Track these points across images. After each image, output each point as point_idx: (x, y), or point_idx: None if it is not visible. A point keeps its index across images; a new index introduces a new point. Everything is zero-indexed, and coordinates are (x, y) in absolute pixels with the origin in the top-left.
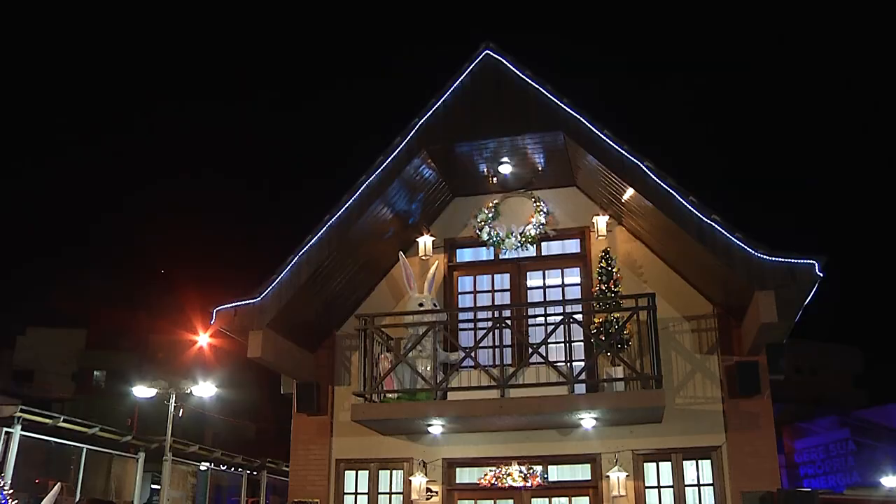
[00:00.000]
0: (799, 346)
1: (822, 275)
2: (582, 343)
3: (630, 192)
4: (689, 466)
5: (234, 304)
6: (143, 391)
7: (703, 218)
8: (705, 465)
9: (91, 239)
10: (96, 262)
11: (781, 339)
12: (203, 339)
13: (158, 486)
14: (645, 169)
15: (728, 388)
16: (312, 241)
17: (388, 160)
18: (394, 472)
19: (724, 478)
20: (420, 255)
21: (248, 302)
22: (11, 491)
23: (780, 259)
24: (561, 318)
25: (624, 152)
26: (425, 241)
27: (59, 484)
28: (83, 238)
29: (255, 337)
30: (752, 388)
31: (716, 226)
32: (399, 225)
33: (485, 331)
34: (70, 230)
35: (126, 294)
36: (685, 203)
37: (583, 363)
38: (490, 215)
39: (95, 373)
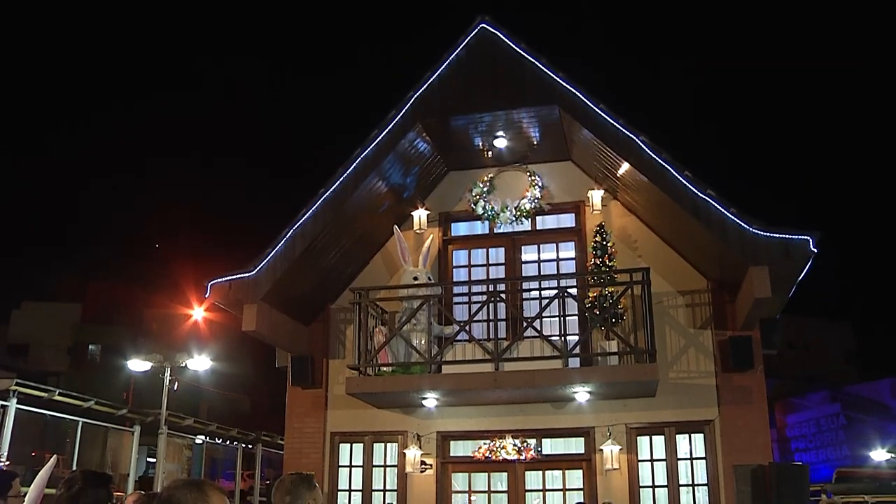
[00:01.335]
0: (792, 322)
1: (816, 251)
2: (576, 317)
3: (625, 166)
4: (681, 440)
5: (228, 278)
6: (138, 365)
7: (698, 193)
8: (698, 438)
9: (86, 214)
10: (91, 237)
11: (775, 315)
12: (198, 313)
13: (154, 460)
14: (640, 143)
15: (721, 363)
16: (307, 215)
17: (383, 134)
18: (388, 444)
19: (717, 451)
20: (415, 228)
21: (242, 275)
22: (8, 462)
23: (775, 234)
24: (555, 292)
25: (619, 126)
26: (420, 215)
27: (54, 456)
28: (78, 213)
29: (250, 310)
30: (746, 362)
31: (711, 201)
32: (394, 199)
33: (479, 304)
34: (65, 205)
35: (121, 268)
36: (680, 178)
37: (577, 337)
38: (485, 189)
39: (90, 347)
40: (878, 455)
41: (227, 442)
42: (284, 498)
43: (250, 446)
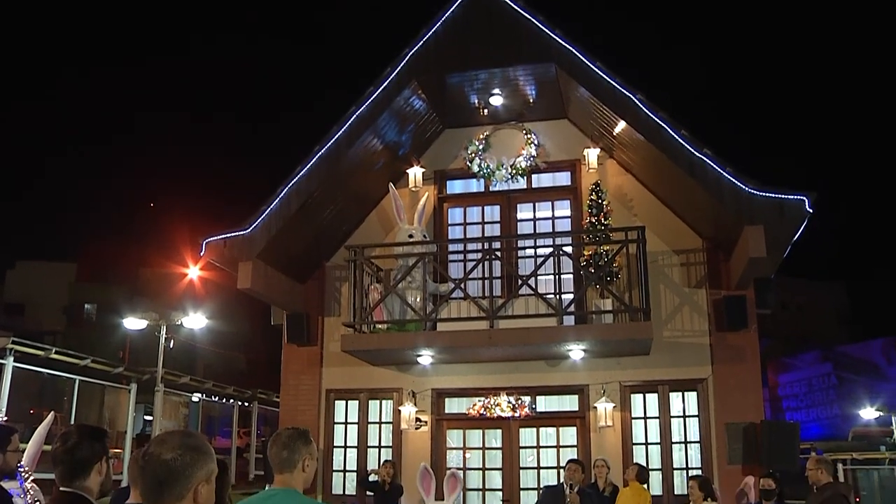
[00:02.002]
0: (786, 282)
1: (811, 211)
2: (571, 275)
3: (621, 124)
4: (675, 398)
5: (223, 236)
6: (133, 323)
7: (694, 151)
8: (691, 396)
9: (80, 173)
10: (86, 196)
11: (769, 274)
12: (193, 271)
13: (151, 417)
14: (637, 101)
15: (715, 322)
16: (302, 172)
17: (378, 91)
18: (383, 401)
19: (709, 409)
20: (410, 186)
21: (237, 233)
22: (7, 419)
23: (770, 194)
24: (550, 250)
25: (616, 84)
26: (415, 173)
27: (52, 413)
28: (72, 172)
29: (245, 268)
30: (739, 321)
31: (707, 159)
32: (389, 156)
33: (474, 262)
34: (59, 163)
35: (116, 227)
36: (676, 136)
37: (572, 295)
38: (481, 147)
39: (86, 306)
40: (868, 413)
41: (224, 400)
42: (281, 452)
43: (246, 404)
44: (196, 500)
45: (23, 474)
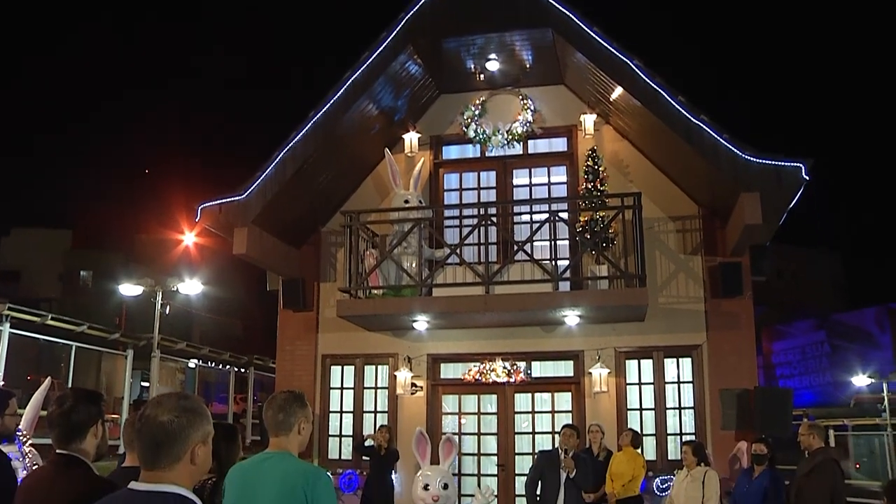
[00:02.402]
0: (781, 250)
1: (808, 178)
2: (567, 241)
3: (618, 90)
4: (669, 364)
5: (218, 201)
6: (129, 289)
7: (691, 118)
8: (685, 362)
9: (75, 139)
10: (81, 163)
11: (765, 242)
12: (189, 237)
13: (148, 384)
14: (634, 67)
15: (710, 289)
16: (297, 137)
17: (374, 55)
18: (379, 367)
19: (704, 375)
20: (406, 151)
21: (232, 198)
22: (3, 384)
23: (767, 161)
24: (546, 216)
25: (613, 50)
26: (411, 138)
27: (49, 378)
28: (67, 138)
29: (241, 233)
30: (735, 288)
31: (704, 126)
32: (385, 121)
33: (470, 228)
34: (54, 130)
35: (111, 194)
36: (673, 102)
37: (567, 261)
38: (477, 112)
39: (82, 273)
40: (860, 380)
41: (220, 366)
42: (276, 415)
43: (242, 370)
44: (193, 461)
45: (21, 438)
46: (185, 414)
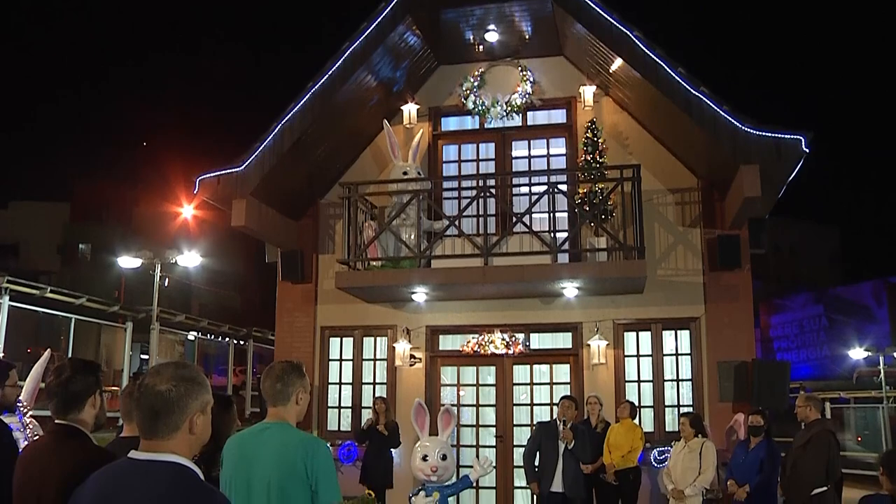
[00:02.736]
0: (780, 224)
1: (808, 150)
2: (566, 213)
3: (618, 62)
4: (667, 336)
5: (216, 173)
6: (128, 262)
7: (691, 89)
8: (684, 335)
9: (72, 112)
10: (78, 135)
11: (764, 215)
12: (187, 210)
13: (148, 356)
14: (634, 38)
15: (709, 261)
16: (295, 109)
17: (372, 26)
18: (378, 338)
19: (702, 348)
20: (405, 123)
21: (231, 170)
22: (3, 355)
23: (767, 133)
24: (545, 187)
25: (613, 21)
26: (410, 110)
27: (48, 350)
28: (64, 111)
29: (239, 205)
30: (733, 261)
31: (703, 97)
32: (383, 93)
33: (469, 199)
34: (51, 103)
35: (109, 167)
36: (673, 74)
37: (566, 233)
38: (476, 84)
39: (80, 246)
40: (856, 354)
41: (219, 338)
42: (275, 385)
43: (241, 342)
44: (192, 430)
45: (22, 409)
46: (183, 383)
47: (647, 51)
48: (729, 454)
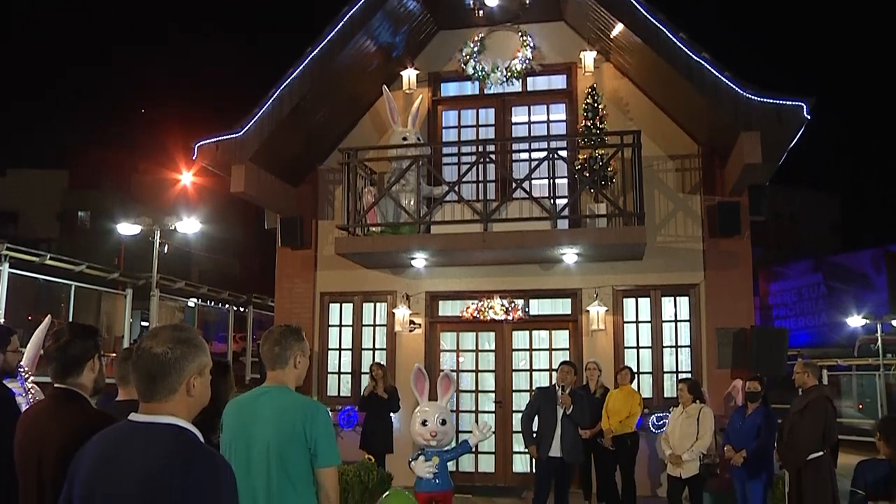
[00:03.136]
0: (780, 192)
1: (809, 117)
2: (565, 179)
3: (619, 27)
4: (666, 303)
5: (215, 139)
6: (127, 228)
7: (692, 55)
8: (683, 301)
9: (70, 79)
10: (75, 103)
11: (764, 181)
12: (186, 176)
13: (148, 323)
14: (635, 3)
15: (709, 228)
16: (294, 74)
17: None
18: (377, 304)
19: (701, 314)
20: (404, 88)
21: (229, 136)
22: (4, 321)
23: (768, 99)
24: (545, 153)
25: None
26: (409, 75)
27: (49, 316)
28: (61, 78)
29: (238, 171)
30: (733, 228)
31: (705, 63)
32: (383, 58)
33: (468, 165)
34: (48, 70)
35: (107, 134)
36: (674, 39)
37: (566, 199)
38: (476, 49)
39: (80, 213)
40: (854, 321)
41: (219, 305)
42: (273, 348)
43: (241, 309)
44: (189, 392)
45: (23, 375)
46: (180, 345)
47: (648, 16)
48: (727, 420)
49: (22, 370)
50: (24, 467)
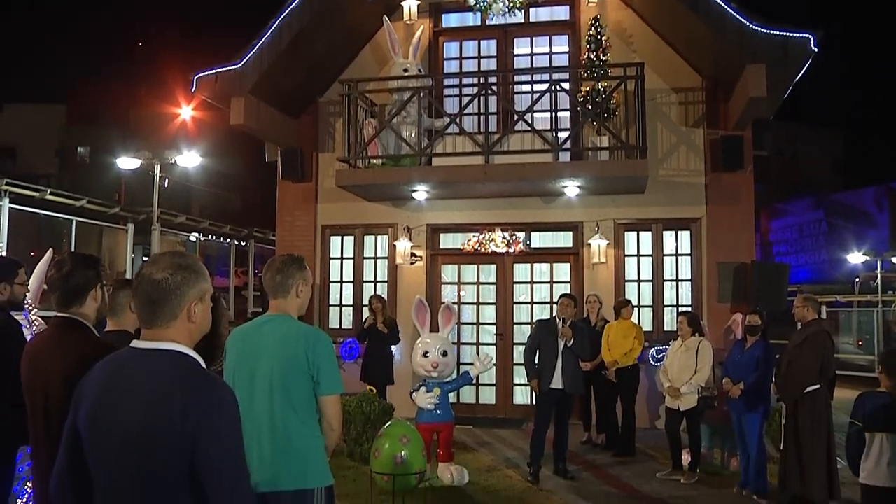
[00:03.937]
0: (783, 128)
1: (816, 50)
2: (568, 112)
3: None
4: (668, 236)
5: (215, 71)
6: (127, 163)
7: None
8: (684, 235)
9: (66, 12)
10: (72, 36)
11: (768, 116)
12: (186, 110)
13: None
14: None
15: (711, 162)
16: (294, 4)
17: None
18: (379, 237)
19: (702, 248)
20: (405, 19)
21: (229, 68)
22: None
23: (774, 31)
24: (547, 85)
25: None
26: (410, 6)
27: (51, 250)
28: (59, 11)
29: (238, 103)
30: (736, 162)
31: None
32: None
33: (470, 97)
34: (44, 3)
35: (105, 68)
36: None
37: (568, 132)
38: None
39: (79, 148)
40: (855, 258)
41: (220, 239)
42: (275, 277)
43: (243, 243)
44: (190, 318)
45: (27, 307)
46: (180, 271)
47: None
48: (726, 353)
49: (27, 303)
50: (30, 395)
